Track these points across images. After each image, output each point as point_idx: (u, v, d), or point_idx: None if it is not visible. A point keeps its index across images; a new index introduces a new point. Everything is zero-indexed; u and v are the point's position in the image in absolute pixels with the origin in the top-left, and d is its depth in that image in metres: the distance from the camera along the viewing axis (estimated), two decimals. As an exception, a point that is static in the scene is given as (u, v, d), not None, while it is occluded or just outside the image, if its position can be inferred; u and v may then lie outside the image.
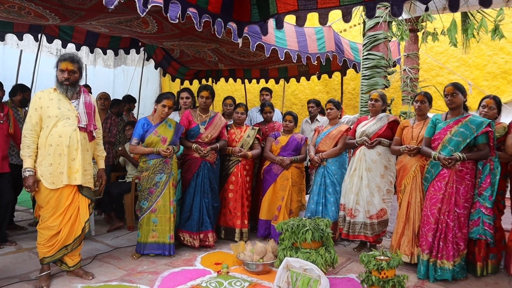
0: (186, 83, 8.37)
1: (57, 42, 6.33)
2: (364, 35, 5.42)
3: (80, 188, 3.52)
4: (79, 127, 3.45)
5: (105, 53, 7.17)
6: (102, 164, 3.85)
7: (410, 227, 4.06)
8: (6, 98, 4.88)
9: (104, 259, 4.18)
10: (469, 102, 4.17)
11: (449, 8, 5.28)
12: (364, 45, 5.40)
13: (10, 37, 6.26)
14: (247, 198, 5.03)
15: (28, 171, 3.30)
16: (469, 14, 6.04)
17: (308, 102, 6.60)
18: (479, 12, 5.89)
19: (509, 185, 3.97)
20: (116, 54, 7.18)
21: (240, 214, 4.91)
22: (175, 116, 5.11)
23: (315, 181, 4.90)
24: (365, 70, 5.33)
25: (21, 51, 6.54)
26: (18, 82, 5.09)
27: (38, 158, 3.40)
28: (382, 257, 3.19)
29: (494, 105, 4.08)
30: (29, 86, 5.55)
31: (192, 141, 4.66)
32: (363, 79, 5.38)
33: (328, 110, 4.95)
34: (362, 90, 5.47)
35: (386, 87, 5.34)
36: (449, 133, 3.75)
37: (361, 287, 3.32)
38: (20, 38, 6.11)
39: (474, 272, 3.83)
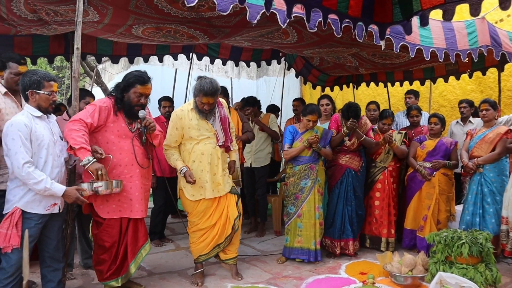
0: (327, 90, 8.38)
1: (206, 59, 6.94)
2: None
3: None
4: (218, 145, 3.73)
5: (248, 66, 7.62)
6: (234, 157, 4.07)
7: None
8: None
9: (251, 261, 4.40)
10: None
11: None
12: (528, 34, 4.75)
13: (167, 58, 7.06)
14: (394, 206, 4.83)
15: (182, 168, 3.62)
16: None
17: (460, 102, 6.08)
18: None
19: None
20: (258, 66, 7.55)
21: (387, 223, 4.73)
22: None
23: (470, 189, 4.46)
24: (530, 63, 4.68)
25: (176, 69, 7.32)
26: (172, 97, 5.65)
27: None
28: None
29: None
30: (183, 101, 6.18)
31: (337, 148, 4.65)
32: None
33: (483, 112, 4.49)
34: None
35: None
36: None
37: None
38: (175, 58, 6.86)
39: None
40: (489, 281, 3.31)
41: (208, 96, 3.58)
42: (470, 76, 6.91)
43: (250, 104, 5.70)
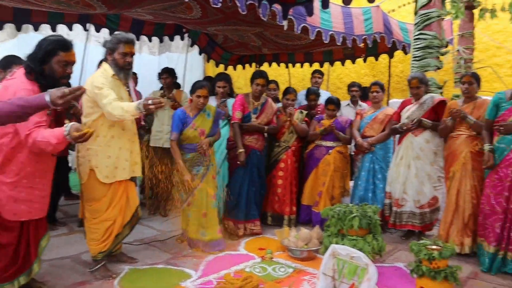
0: (230, 69, 8.35)
1: (105, 31, 6.46)
2: (416, 13, 5.14)
3: None
4: (135, 118, 3.38)
5: (150, 40, 7.26)
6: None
7: (460, 216, 3.86)
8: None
9: (150, 242, 4.26)
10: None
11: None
12: (415, 24, 5.13)
13: (61, 28, 6.45)
14: (296, 184, 4.96)
15: (140, 102, 3.01)
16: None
17: (351, 85, 6.37)
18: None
19: None
20: (161, 41, 7.25)
21: (289, 201, 4.83)
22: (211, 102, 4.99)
23: (363, 167, 4.75)
24: (416, 51, 5.06)
25: (71, 41, 6.73)
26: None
27: (91, 145, 3.18)
28: (433, 247, 3.05)
29: (473, 79, 3.85)
30: (79, 75, 5.72)
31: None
32: (413, 60, 5.12)
33: (374, 93, 4.77)
34: (408, 79, 5.21)
35: (439, 68, 5.06)
36: None
37: (409, 277, 3.20)
38: (70, 29, 6.29)
39: None
40: (376, 250, 3.57)
41: (130, 43, 3.28)
42: (365, 60, 7.35)
43: (170, 73, 5.37)
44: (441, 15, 4.97)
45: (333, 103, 4.96)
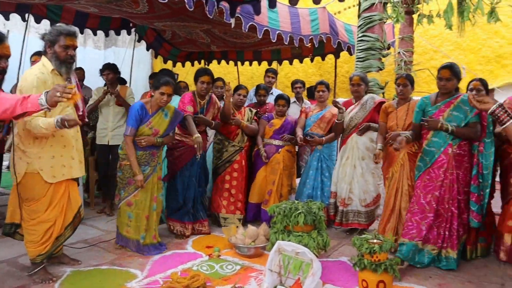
0: (179, 65, 8.25)
1: (46, 23, 6.16)
2: (359, 16, 5.33)
3: None
4: (78, 115, 3.26)
5: (95, 34, 7.02)
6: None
7: (395, 215, 3.96)
8: None
9: (94, 243, 4.13)
10: (464, 86, 4.12)
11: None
12: (359, 26, 5.31)
13: (-3, 17, 6.08)
14: (246, 183, 4.95)
15: (57, 118, 2.83)
16: (465, -4, 5.95)
17: (295, 82, 6.41)
18: (476, -6, 5.80)
19: (498, 169, 3.93)
20: (106, 35, 7.02)
21: (241, 200, 4.84)
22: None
23: (312, 165, 4.82)
24: (359, 52, 5.25)
25: (8, 31, 6.38)
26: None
27: (34, 148, 3.04)
28: (374, 241, 3.18)
29: (482, 87, 4.01)
30: (17, 69, 5.42)
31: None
32: (357, 61, 5.31)
33: (320, 92, 4.80)
34: (351, 76, 5.39)
35: (381, 69, 5.27)
36: (441, 118, 3.58)
37: (353, 270, 3.31)
38: (7, 18, 5.95)
39: (464, 255, 3.80)
40: (321, 245, 3.67)
41: (72, 35, 3.09)
42: (312, 60, 7.52)
43: (112, 68, 5.14)
44: (382, 18, 5.18)
45: (283, 99, 4.94)
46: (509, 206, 3.66)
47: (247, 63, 8.11)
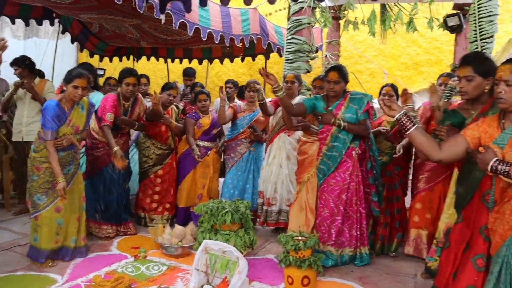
0: (106, 60, 7.95)
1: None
2: (289, 19, 5.46)
3: None
4: None
5: (13, 23, 6.50)
6: None
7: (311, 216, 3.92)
8: None
9: (8, 247, 3.87)
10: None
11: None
12: (288, 29, 5.45)
13: None
14: (176, 185, 4.80)
15: None
16: (387, 6, 6.33)
17: (226, 82, 6.34)
18: (396, 5, 6.18)
19: (412, 167, 4.13)
20: (26, 24, 6.54)
21: (169, 201, 4.72)
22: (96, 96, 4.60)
23: (240, 167, 4.70)
24: (288, 54, 5.38)
25: None
26: None
27: None
28: (299, 238, 3.27)
29: (393, 92, 4.15)
30: None
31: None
32: (286, 63, 5.44)
33: (250, 93, 4.65)
34: (285, 74, 5.51)
35: (308, 71, 5.44)
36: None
37: (279, 267, 3.39)
38: None
39: (383, 250, 4.02)
40: (248, 244, 3.71)
41: None
42: (242, 60, 7.59)
43: (19, 63, 4.81)
44: (311, 22, 5.35)
45: (204, 93, 4.73)
46: (415, 202, 3.85)
47: (177, 60, 8.01)
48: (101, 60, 7.86)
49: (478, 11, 4.60)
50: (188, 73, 6.60)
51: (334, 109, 3.65)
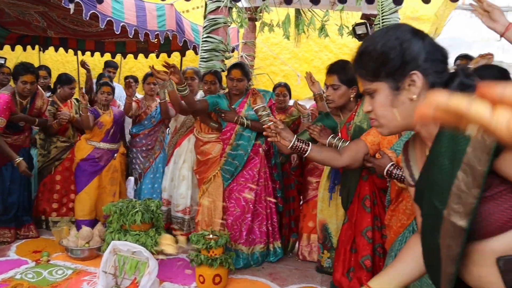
0: (7, 48, 7.31)
1: None
2: (205, 17, 5.44)
3: None
4: None
5: None
6: None
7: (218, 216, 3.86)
8: None
9: None
10: (297, 92, 4.52)
11: (284, 2, 5.68)
12: (204, 27, 5.42)
13: None
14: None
15: None
16: (301, 11, 6.58)
17: (125, 78, 6.09)
18: (309, 10, 6.44)
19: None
20: None
21: (73, 201, 4.37)
22: None
23: (158, 168, 4.49)
24: (203, 52, 5.36)
25: None
26: None
27: None
28: (211, 236, 3.29)
29: (286, 92, 4.29)
30: None
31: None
32: (201, 61, 5.41)
33: (152, 86, 4.50)
34: (184, 70, 5.42)
35: (223, 71, 5.47)
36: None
37: (191, 267, 3.38)
38: None
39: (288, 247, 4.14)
40: (158, 244, 3.65)
41: None
42: (157, 56, 7.43)
43: None
44: (227, 22, 5.38)
45: (109, 85, 4.32)
46: (309, 208, 3.83)
47: (88, 53, 7.61)
48: (1, 48, 7.22)
49: (382, 22, 4.94)
50: (111, 65, 6.26)
51: (237, 107, 3.65)
